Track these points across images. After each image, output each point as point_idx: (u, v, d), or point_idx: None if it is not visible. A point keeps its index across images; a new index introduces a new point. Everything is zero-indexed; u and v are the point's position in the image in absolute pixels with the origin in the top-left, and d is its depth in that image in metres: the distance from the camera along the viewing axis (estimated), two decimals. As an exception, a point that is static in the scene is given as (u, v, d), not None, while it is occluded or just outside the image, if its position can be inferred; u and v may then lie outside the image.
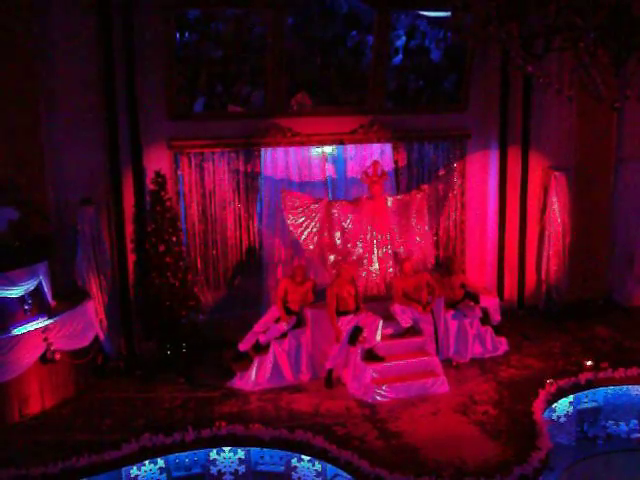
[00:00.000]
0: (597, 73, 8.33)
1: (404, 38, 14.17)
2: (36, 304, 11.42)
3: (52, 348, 11.21)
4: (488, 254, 15.63)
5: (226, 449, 10.65)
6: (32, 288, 11.33)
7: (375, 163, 13.17)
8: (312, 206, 12.83)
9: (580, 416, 12.25)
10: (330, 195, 14.21)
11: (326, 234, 12.89)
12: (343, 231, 12.96)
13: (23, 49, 11.73)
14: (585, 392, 12.19)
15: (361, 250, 13.02)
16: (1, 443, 10.42)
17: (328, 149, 14.16)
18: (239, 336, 12.56)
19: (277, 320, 12.43)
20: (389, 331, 12.48)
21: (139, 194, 12.96)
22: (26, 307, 11.26)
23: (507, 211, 15.27)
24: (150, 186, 12.80)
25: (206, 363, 12.94)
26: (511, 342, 13.59)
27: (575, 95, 9.40)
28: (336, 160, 14.36)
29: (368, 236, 13.00)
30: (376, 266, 13.08)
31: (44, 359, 11.18)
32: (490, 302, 13.51)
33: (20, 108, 11.82)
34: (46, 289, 11.65)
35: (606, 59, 8.15)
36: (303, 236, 12.86)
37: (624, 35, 7.69)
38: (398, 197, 13.50)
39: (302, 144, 13.85)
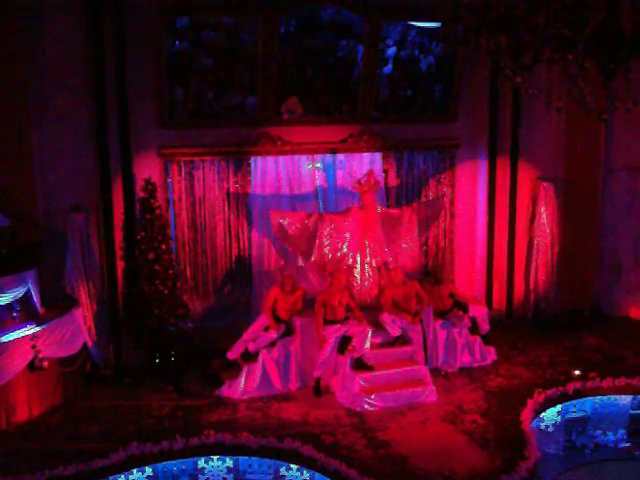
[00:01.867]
0: (586, 85, 8.40)
1: (394, 48, 14.24)
2: (24, 311, 11.38)
3: (40, 355, 11.15)
4: (477, 263, 15.70)
5: (214, 458, 10.59)
6: (20, 295, 11.30)
7: (370, 173, 13.21)
8: (305, 221, 12.87)
9: (568, 425, 12.26)
10: (320, 205, 14.26)
11: (320, 246, 12.91)
12: (336, 242, 12.97)
13: (13, 56, 11.72)
14: (573, 402, 12.20)
15: (351, 260, 13.04)
16: (-12, 451, 10.38)
17: (318, 164, 14.22)
18: (228, 344, 12.54)
19: (266, 329, 12.42)
20: (378, 340, 12.49)
21: (129, 201, 12.94)
22: (14, 314, 11.22)
23: (496, 221, 15.37)
24: (140, 193, 12.81)
25: (195, 371, 12.91)
26: (499, 351, 13.63)
27: (564, 106, 9.44)
28: (326, 169, 14.42)
29: (359, 247, 13.01)
30: (366, 274, 13.08)
31: (32, 367, 11.12)
32: (479, 311, 13.54)
33: (10, 114, 11.81)
34: (35, 296, 11.62)
35: (595, 71, 8.21)
36: (299, 249, 12.94)
37: (613, 47, 7.76)
38: (388, 210, 13.54)
39: (292, 153, 13.91)
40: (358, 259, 13.01)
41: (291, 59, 13.55)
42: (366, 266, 13.03)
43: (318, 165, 14.30)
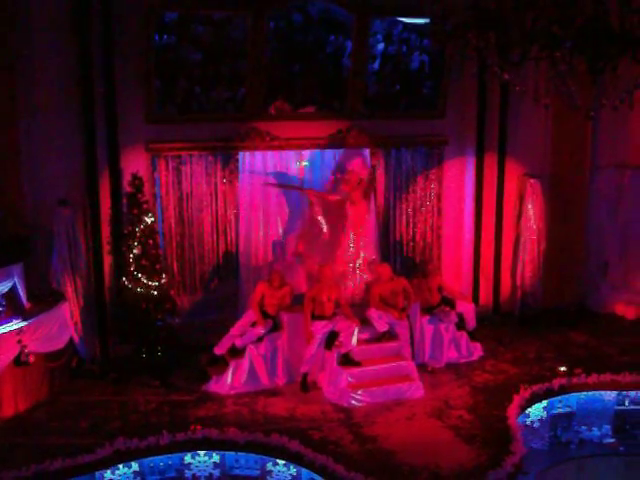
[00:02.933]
0: (573, 82, 8.43)
1: (383, 44, 14.24)
2: (10, 306, 11.32)
3: (26, 350, 11.09)
4: (464, 260, 15.72)
5: (201, 453, 10.61)
6: (6, 290, 11.24)
7: (351, 171, 13.18)
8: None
9: (553, 421, 12.34)
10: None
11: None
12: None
13: (0, 50, 11.65)
14: (559, 397, 12.27)
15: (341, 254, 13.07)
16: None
17: (305, 162, 14.24)
18: (215, 340, 12.53)
19: (253, 324, 12.41)
20: (365, 336, 12.51)
21: (116, 196, 12.90)
22: (0, 309, 11.16)
23: (483, 217, 15.39)
24: (127, 188, 12.76)
25: (182, 367, 12.87)
26: (486, 347, 13.68)
27: (551, 103, 9.48)
28: (313, 167, 14.44)
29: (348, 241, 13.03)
30: (356, 269, 13.08)
31: (18, 361, 11.06)
32: (466, 308, 13.58)
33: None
34: (21, 291, 11.55)
35: (582, 68, 8.24)
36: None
37: (600, 44, 7.79)
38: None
39: (280, 148, 13.88)
40: (349, 254, 13.03)
41: (280, 54, 13.52)
42: (357, 261, 13.05)
43: (305, 163, 14.29)
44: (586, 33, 7.50)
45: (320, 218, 13.16)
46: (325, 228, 13.19)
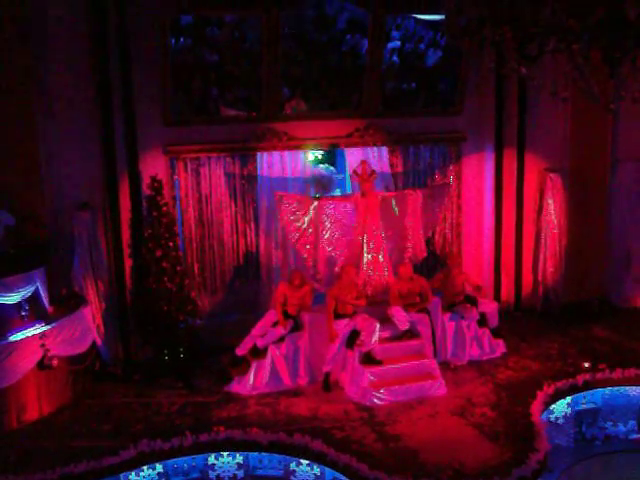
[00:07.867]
0: (591, 75, 8.37)
1: (399, 41, 14.20)
2: (33, 310, 11.40)
3: (49, 354, 11.17)
4: (485, 256, 15.65)
5: (224, 454, 10.65)
6: (29, 294, 11.31)
7: (363, 162, 13.14)
8: (309, 205, 12.83)
9: (578, 417, 12.25)
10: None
11: (322, 232, 12.88)
12: (336, 228, 12.93)
13: (19, 54, 11.72)
14: (583, 393, 12.20)
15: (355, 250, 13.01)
16: (-1, 450, 10.42)
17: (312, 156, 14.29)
18: (237, 340, 12.54)
19: (275, 324, 12.43)
20: (386, 334, 12.47)
21: (135, 199, 12.96)
22: (23, 313, 11.25)
23: (503, 213, 15.33)
24: (146, 191, 12.82)
25: (204, 368, 12.93)
26: (508, 344, 13.60)
27: (569, 97, 9.42)
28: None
29: (362, 237, 12.94)
30: (369, 264, 13.01)
31: (41, 365, 11.15)
32: (488, 307, 13.51)
33: (16, 113, 11.80)
34: (43, 295, 11.64)
35: (600, 61, 8.18)
36: (297, 237, 12.89)
37: (618, 37, 7.72)
38: (391, 194, 13.51)
39: (298, 148, 13.88)
40: (364, 250, 12.96)
41: (295, 54, 13.52)
42: (368, 256, 12.98)
43: (312, 158, 14.30)
44: (603, 25, 7.45)
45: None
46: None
